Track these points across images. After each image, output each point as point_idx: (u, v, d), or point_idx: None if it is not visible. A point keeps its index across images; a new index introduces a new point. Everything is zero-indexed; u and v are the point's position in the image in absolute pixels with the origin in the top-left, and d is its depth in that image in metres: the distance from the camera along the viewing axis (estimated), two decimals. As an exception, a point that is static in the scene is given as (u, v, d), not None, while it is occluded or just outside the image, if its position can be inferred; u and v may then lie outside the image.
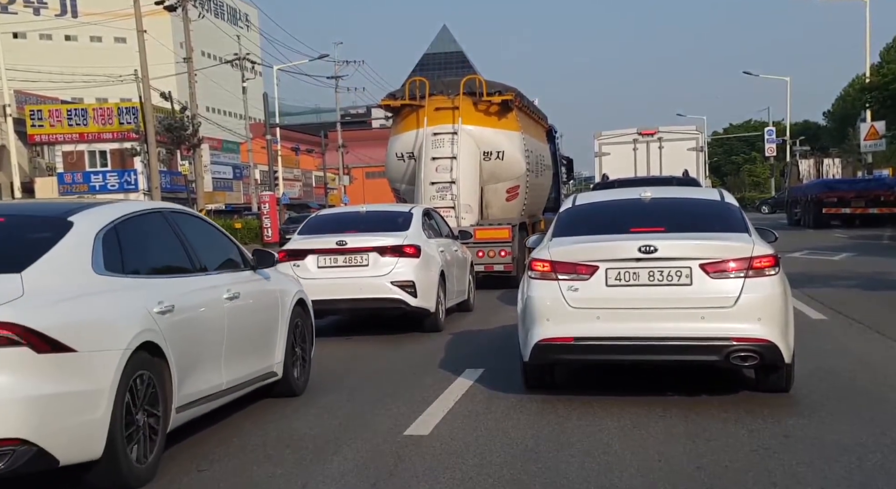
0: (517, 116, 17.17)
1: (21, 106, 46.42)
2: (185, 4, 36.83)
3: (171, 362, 5.26)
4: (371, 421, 6.38)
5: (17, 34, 72.67)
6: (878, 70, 47.03)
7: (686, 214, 7.28)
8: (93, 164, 49.35)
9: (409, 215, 11.70)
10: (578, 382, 7.42)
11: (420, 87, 16.86)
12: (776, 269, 6.39)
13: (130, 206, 5.94)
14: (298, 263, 10.81)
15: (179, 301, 5.50)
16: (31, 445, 4.29)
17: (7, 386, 4.25)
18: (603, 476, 4.94)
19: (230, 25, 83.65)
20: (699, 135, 24.60)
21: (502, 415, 6.43)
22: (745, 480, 4.80)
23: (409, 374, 8.22)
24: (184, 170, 47.55)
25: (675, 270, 6.36)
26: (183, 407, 5.49)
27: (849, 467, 4.95)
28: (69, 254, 4.94)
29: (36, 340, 4.32)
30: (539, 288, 6.62)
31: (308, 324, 7.76)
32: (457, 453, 5.45)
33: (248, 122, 54.35)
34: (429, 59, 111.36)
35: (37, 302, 4.47)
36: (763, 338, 6.20)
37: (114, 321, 4.88)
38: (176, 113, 42.94)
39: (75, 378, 4.49)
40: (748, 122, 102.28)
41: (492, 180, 16.91)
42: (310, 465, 5.33)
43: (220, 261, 6.60)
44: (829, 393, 6.79)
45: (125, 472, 4.80)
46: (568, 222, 7.30)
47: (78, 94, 64.55)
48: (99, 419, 4.59)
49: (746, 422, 5.99)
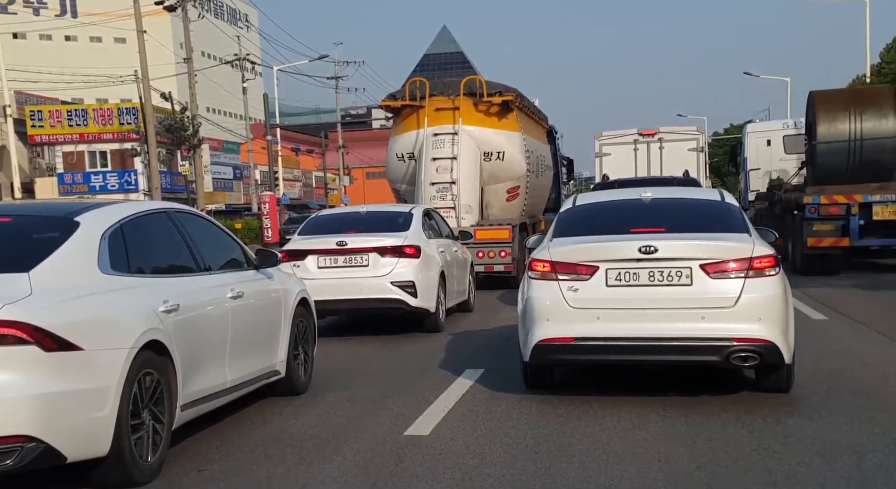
0: (517, 117, 17.19)
1: (21, 106, 46.39)
2: (185, 5, 36.82)
3: (176, 361, 5.31)
4: (371, 421, 6.40)
5: (17, 34, 72.57)
6: (878, 70, 47.04)
7: (686, 215, 7.30)
8: (93, 165, 49.33)
9: (410, 216, 11.73)
10: (578, 382, 7.44)
11: (420, 88, 16.88)
12: (776, 270, 6.42)
13: (136, 206, 5.98)
14: (299, 264, 10.82)
15: (184, 300, 5.55)
16: (39, 442, 4.36)
17: (15, 383, 4.31)
18: (603, 476, 4.96)
19: (230, 26, 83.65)
20: (700, 135, 24.62)
21: (502, 415, 6.46)
22: (745, 480, 4.82)
23: (410, 375, 8.25)
24: (184, 170, 47.54)
25: (675, 271, 6.39)
26: (187, 405, 5.53)
27: (849, 467, 4.98)
28: (76, 254, 5.00)
29: (44, 339, 4.37)
30: (539, 288, 6.64)
31: (311, 324, 7.80)
32: (457, 453, 5.47)
33: (248, 122, 54.34)
34: (429, 59, 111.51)
35: (44, 301, 4.52)
36: (763, 339, 6.22)
37: (120, 320, 4.93)
38: (176, 113, 42.95)
39: (82, 376, 4.55)
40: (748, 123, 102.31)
41: (492, 181, 16.94)
42: (310, 465, 5.36)
43: (224, 261, 6.65)
44: (829, 393, 6.82)
45: (131, 469, 4.85)
46: (568, 222, 7.32)
47: (78, 95, 64.51)
48: (105, 417, 4.65)
49: (746, 422, 6.02)
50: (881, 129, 17.26)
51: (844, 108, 17.58)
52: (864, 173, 17.15)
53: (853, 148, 17.30)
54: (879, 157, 17.17)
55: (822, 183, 17.47)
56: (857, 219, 16.16)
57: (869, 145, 17.23)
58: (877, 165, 17.14)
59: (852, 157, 17.30)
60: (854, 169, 17.27)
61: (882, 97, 18.04)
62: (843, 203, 16.38)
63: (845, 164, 17.33)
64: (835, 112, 17.64)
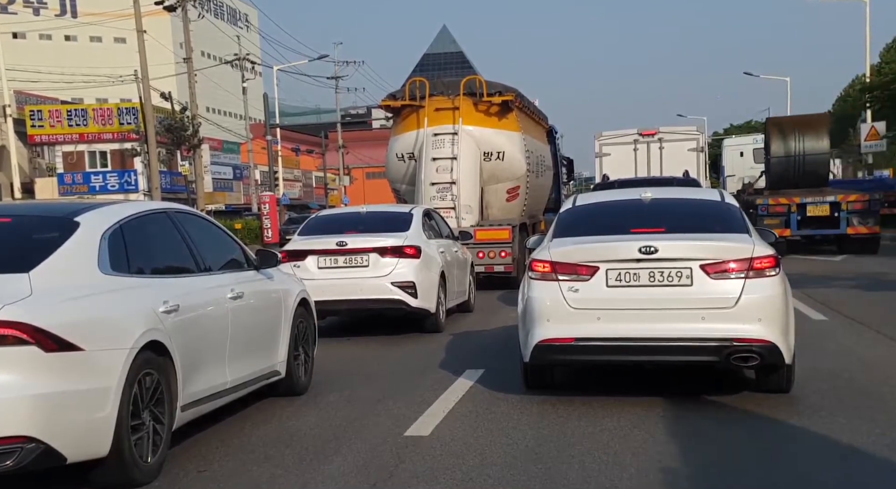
0: (517, 117, 17.18)
1: (21, 106, 46.42)
2: (185, 4, 36.84)
3: (176, 361, 5.31)
4: (371, 421, 6.40)
5: (17, 34, 72.59)
6: (879, 70, 47.07)
7: (686, 215, 7.29)
8: (93, 165, 49.34)
9: (410, 216, 11.72)
10: (578, 382, 7.44)
11: (420, 88, 16.87)
12: (777, 270, 6.41)
13: (136, 206, 5.98)
14: (299, 264, 10.81)
15: (184, 300, 5.56)
16: (39, 443, 4.35)
17: (15, 384, 4.31)
18: (603, 476, 4.96)
19: (230, 26, 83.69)
20: (700, 135, 24.65)
21: (503, 415, 6.46)
22: (745, 480, 4.82)
23: (410, 375, 8.25)
24: (184, 170, 47.55)
25: (675, 271, 6.39)
26: (188, 405, 5.53)
27: (849, 467, 4.98)
28: (76, 254, 5.00)
29: (44, 339, 4.37)
30: (539, 288, 6.64)
31: (311, 324, 7.80)
32: (457, 454, 5.47)
33: (248, 122, 54.36)
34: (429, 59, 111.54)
35: (45, 301, 4.52)
36: (763, 339, 6.22)
37: (120, 320, 4.93)
38: (176, 113, 42.95)
39: (82, 376, 4.55)
40: (749, 123, 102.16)
41: (492, 181, 16.93)
42: (310, 465, 5.36)
43: (224, 261, 6.65)
44: (829, 393, 6.81)
45: (131, 470, 4.86)
46: (568, 223, 7.32)
47: (78, 95, 64.50)
48: (105, 417, 4.65)
49: (746, 422, 6.02)
50: (817, 147, 23.48)
51: (791, 131, 23.73)
52: (805, 181, 22.95)
53: (797, 161, 23.35)
54: (816, 169, 23.39)
55: (775, 187, 23.37)
56: (795, 215, 21.41)
57: (808, 159, 23.30)
58: (814, 175, 23.26)
59: (796, 169, 23.29)
60: (798, 177, 23.14)
61: (819, 123, 24.38)
62: (786, 203, 21.57)
63: (791, 173, 23.29)
64: (784, 134, 23.79)
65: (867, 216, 21.19)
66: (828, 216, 21.29)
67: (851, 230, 21.15)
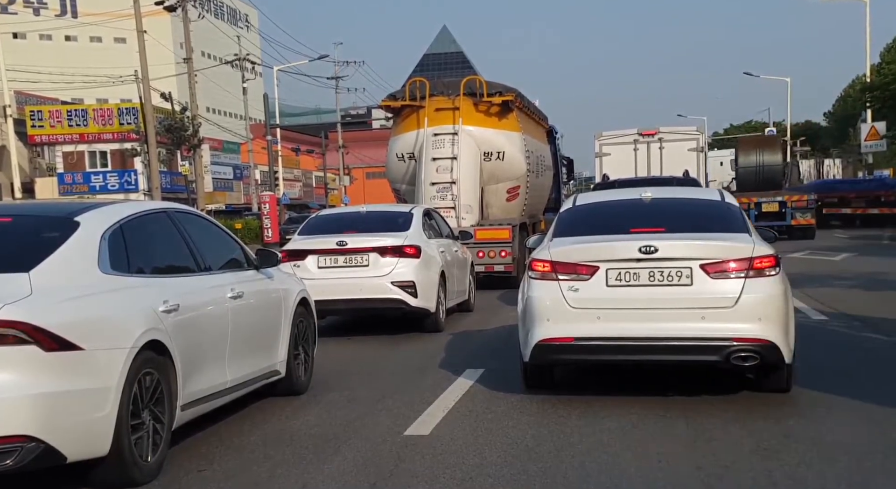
0: (518, 117, 17.19)
1: (21, 106, 46.41)
2: (185, 5, 36.83)
3: (176, 361, 5.31)
4: (371, 421, 6.40)
5: (17, 34, 72.54)
6: (879, 70, 47.09)
7: (686, 215, 7.30)
8: (93, 165, 49.35)
9: (410, 215, 11.72)
10: (578, 382, 7.44)
11: (420, 88, 16.88)
12: (777, 270, 6.41)
13: (136, 206, 5.98)
14: (299, 263, 10.81)
15: (184, 300, 5.56)
16: (39, 442, 4.36)
17: (15, 383, 4.32)
18: (603, 476, 4.96)
19: (230, 26, 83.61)
20: (700, 135, 24.66)
21: (502, 415, 6.46)
22: (745, 480, 4.82)
23: (410, 374, 8.25)
24: (184, 170, 47.53)
25: (675, 270, 6.39)
26: (188, 405, 5.53)
27: (849, 467, 4.98)
28: (76, 254, 5.00)
29: (44, 339, 4.37)
30: (539, 288, 6.64)
31: (311, 324, 7.80)
32: (457, 453, 5.47)
33: (248, 122, 54.35)
34: (429, 59, 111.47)
35: (45, 301, 4.53)
36: (763, 339, 6.22)
37: (120, 320, 4.93)
38: (176, 113, 42.95)
39: (82, 376, 4.55)
40: (749, 123, 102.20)
41: (492, 181, 16.94)
42: (310, 465, 5.36)
43: (224, 261, 6.65)
44: (828, 392, 6.81)
45: (131, 469, 4.86)
46: (568, 222, 7.32)
47: (78, 95, 64.51)
48: (105, 417, 4.65)
49: (746, 422, 6.01)
50: (773, 160, 32.90)
51: (754, 148, 33.54)
52: (764, 186, 31.24)
53: (758, 171, 32.39)
54: (772, 177, 32.35)
55: (742, 190, 31.32)
56: (753, 211, 28.07)
57: (766, 170, 32.34)
58: (771, 181, 31.97)
59: (758, 176, 32.16)
60: (759, 183, 31.56)
61: (774, 142, 35.60)
62: (746, 202, 27.31)
63: (754, 180, 32.15)
64: (748, 150, 33.70)
65: (806, 211, 28.70)
66: (777, 211, 28.86)
67: (795, 222, 28.57)
